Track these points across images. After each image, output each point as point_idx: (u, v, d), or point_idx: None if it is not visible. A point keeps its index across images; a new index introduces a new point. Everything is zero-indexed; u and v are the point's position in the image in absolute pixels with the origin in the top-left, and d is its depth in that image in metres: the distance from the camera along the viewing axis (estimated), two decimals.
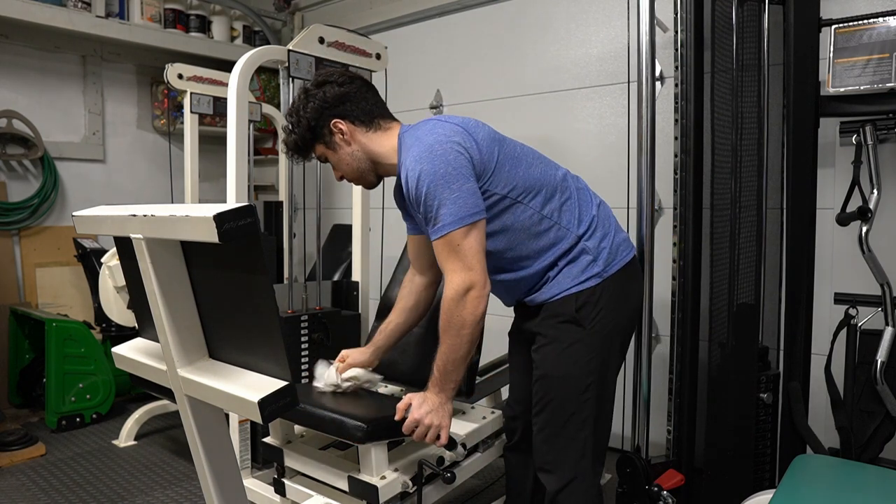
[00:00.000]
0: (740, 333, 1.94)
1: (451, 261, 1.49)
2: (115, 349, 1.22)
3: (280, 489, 1.88)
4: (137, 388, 3.29)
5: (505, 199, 1.57)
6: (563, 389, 1.60)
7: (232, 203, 1.22)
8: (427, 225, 1.53)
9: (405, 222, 1.83)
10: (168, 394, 1.87)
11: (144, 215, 0.97)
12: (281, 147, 1.76)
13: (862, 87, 1.79)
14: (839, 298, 1.91)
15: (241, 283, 0.95)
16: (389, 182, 2.85)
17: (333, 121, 1.63)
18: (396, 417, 1.58)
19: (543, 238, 1.60)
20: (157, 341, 1.07)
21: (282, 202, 3.81)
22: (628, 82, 2.87)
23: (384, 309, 2.15)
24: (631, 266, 1.68)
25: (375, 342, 1.89)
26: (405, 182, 1.54)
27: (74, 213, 1.16)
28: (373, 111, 1.67)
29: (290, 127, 1.67)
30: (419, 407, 1.56)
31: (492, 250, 1.59)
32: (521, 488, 1.89)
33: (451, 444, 1.76)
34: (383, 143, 1.66)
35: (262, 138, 4.57)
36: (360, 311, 2.56)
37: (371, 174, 1.71)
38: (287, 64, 2.26)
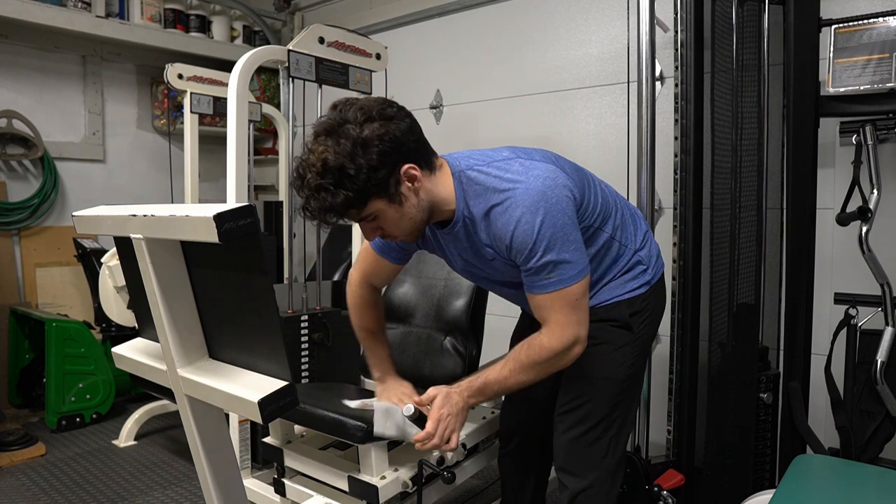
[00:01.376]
0: (740, 333, 1.94)
1: (564, 314, 1.39)
2: (115, 349, 1.22)
3: (280, 489, 1.88)
4: (137, 388, 3.29)
5: (590, 229, 1.49)
6: (600, 390, 1.56)
7: (232, 203, 1.22)
8: (530, 275, 1.38)
9: (383, 254, 1.67)
10: (168, 394, 1.87)
11: (144, 215, 0.97)
12: (300, 212, 1.33)
13: (862, 87, 1.79)
14: (839, 298, 1.91)
15: (241, 283, 0.95)
16: None
17: (405, 167, 1.30)
18: (417, 400, 1.53)
19: (608, 256, 1.56)
20: (157, 341, 1.07)
21: (282, 202, 3.82)
22: (628, 82, 2.87)
23: (384, 309, 2.15)
24: (663, 275, 1.68)
25: (390, 367, 1.78)
26: (510, 235, 1.33)
27: (74, 213, 1.16)
28: (427, 150, 1.37)
29: (332, 184, 1.24)
30: (441, 406, 1.48)
31: None
32: (521, 496, 1.87)
33: None
34: (444, 185, 1.38)
35: (262, 138, 4.56)
36: None
37: (424, 227, 1.43)
38: (287, 64, 2.26)
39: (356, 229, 2.64)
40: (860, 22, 1.79)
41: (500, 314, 1.92)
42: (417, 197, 1.34)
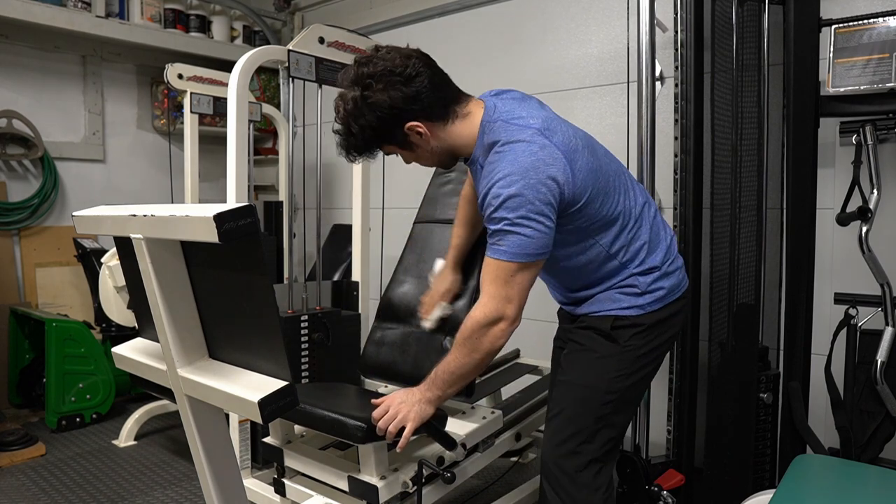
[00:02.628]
0: (740, 333, 1.94)
1: (494, 284, 1.42)
2: (115, 349, 1.22)
3: (280, 489, 1.88)
4: (137, 388, 3.29)
5: (580, 233, 1.51)
6: (580, 399, 1.56)
7: (232, 203, 1.22)
8: (489, 236, 1.44)
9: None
10: (168, 394, 1.87)
11: (144, 215, 0.97)
12: (338, 150, 1.53)
13: (862, 87, 1.79)
14: (839, 298, 1.91)
15: (241, 283, 0.95)
16: (390, 183, 2.85)
17: (408, 124, 1.45)
18: (373, 402, 1.57)
19: (602, 270, 1.56)
20: (157, 341, 1.07)
21: (282, 202, 3.82)
22: (628, 82, 2.86)
23: (384, 309, 2.15)
24: (679, 301, 1.61)
25: (454, 258, 1.87)
26: (485, 191, 1.41)
27: (74, 213, 1.16)
28: (447, 100, 1.49)
29: (345, 132, 1.47)
30: (397, 396, 1.54)
31: (553, 267, 1.58)
32: None
33: (451, 443, 1.76)
34: (463, 133, 1.50)
35: (262, 138, 4.56)
36: (360, 311, 2.56)
37: (450, 159, 1.58)
38: (287, 64, 2.26)
39: (356, 229, 2.64)
40: (860, 22, 1.79)
41: None
42: (429, 143, 1.49)
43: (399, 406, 1.52)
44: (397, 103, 1.41)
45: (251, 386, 0.94)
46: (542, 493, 1.61)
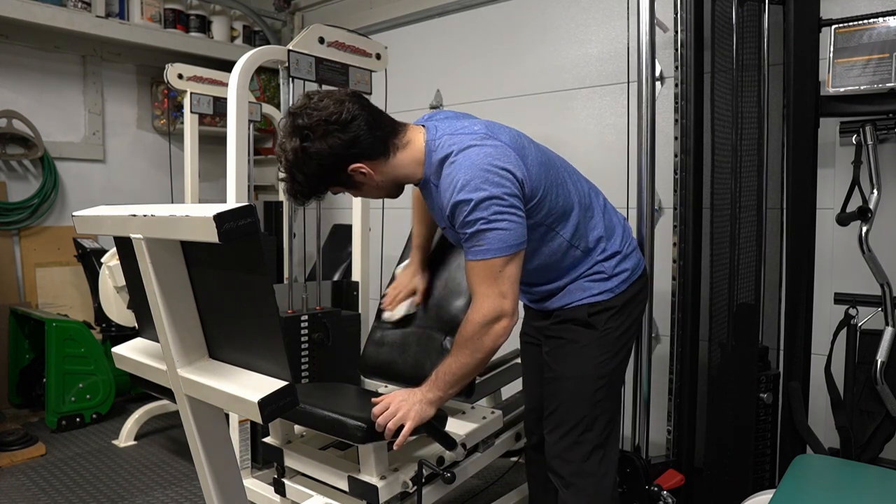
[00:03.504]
0: (740, 333, 1.94)
1: (486, 285, 1.44)
2: (115, 349, 1.22)
3: (280, 489, 1.88)
4: (137, 388, 3.29)
5: (541, 227, 1.55)
6: (575, 391, 1.61)
7: (232, 203, 1.22)
8: (463, 242, 1.46)
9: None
10: (168, 394, 1.87)
11: (144, 215, 0.97)
12: (283, 193, 1.57)
13: (862, 87, 1.78)
14: (839, 298, 1.91)
15: (241, 283, 0.95)
16: None
17: (351, 167, 1.47)
18: (373, 400, 1.59)
19: (566, 261, 1.61)
20: (157, 341, 1.07)
21: (282, 202, 3.81)
22: (628, 82, 2.86)
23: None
24: (641, 279, 1.70)
25: (420, 259, 1.94)
26: (451, 201, 1.43)
27: (74, 213, 1.16)
28: (385, 136, 1.50)
29: (290, 179, 1.48)
30: (398, 395, 1.56)
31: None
32: (546, 494, 1.86)
33: (451, 443, 1.76)
34: (406, 161, 1.53)
35: (262, 138, 4.56)
36: (360, 311, 2.56)
37: (396, 189, 1.61)
38: (287, 64, 2.26)
39: (356, 229, 2.64)
40: (860, 22, 1.79)
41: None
42: (374, 180, 1.51)
43: (399, 404, 1.53)
44: (336, 150, 1.43)
45: (251, 386, 0.94)
46: (555, 488, 1.65)
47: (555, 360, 1.65)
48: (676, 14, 1.98)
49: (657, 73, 1.93)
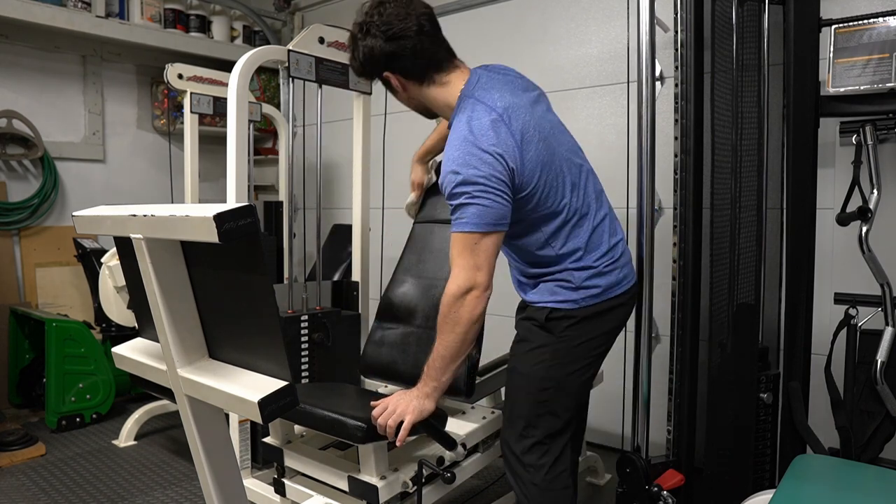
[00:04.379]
0: (740, 333, 1.94)
1: (462, 256, 1.51)
2: (115, 349, 1.22)
3: (280, 489, 1.88)
4: (137, 388, 3.29)
5: (522, 222, 1.60)
6: (520, 386, 1.68)
7: (232, 203, 1.22)
8: (451, 214, 1.55)
9: None
10: (168, 394, 1.87)
11: (144, 215, 0.97)
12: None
13: (862, 87, 1.79)
14: (839, 298, 1.91)
15: (241, 283, 0.95)
16: (390, 184, 2.85)
17: (384, 73, 1.63)
18: (372, 403, 1.62)
19: (541, 256, 1.66)
20: (157, 341, 1.07)
21: (282, 202, 3.82)
22: (628, 82, 2.86)
23: (384, 309, 2.15)
24: (617, 298, 1.68)
25: (426, 147, 2.15)
26: (445, 168, 1.54)
27: (74, 213, 1.16)
28: (427, 67, 1.62)
29: (352, 57, 1.68)
30: (395, 395, 1.60)
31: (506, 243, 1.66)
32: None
33: (451, 443, 1.76)
34: (438, 98, 1.65)
35: (262, 138, 4.56)
36: (360, 311, 2.56)
37: (427, 113, 1.74)
38: (287, 64, 2.26)
39: (356, 229, 2.64)
40: (860, 22, 1.79)
41: (500, 314, 1.92)
42: (405, 93, 1.67)
43: (397, 403, 1.57)
44: (375, 54, 1.59)
45: (251, 386, 0.94)
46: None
47: (513, 353, 1.73)
48: (676, 14, 1.98)
49: (657, 73, 1.93)
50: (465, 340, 1.54)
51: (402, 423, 1.54)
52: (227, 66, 2.70)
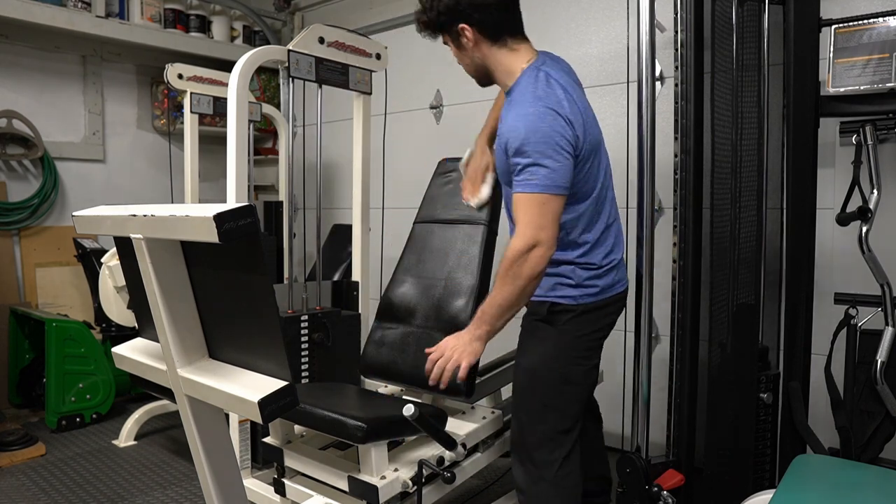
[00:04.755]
0: (740, 333, 1.94)
1: (529, 215, 1.55)
2: (115, 349, 1.22)
3: (280, 489, 1.88)
4: (137, 388, 3.29)
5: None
6: (525, 380, 1.73)
7: (232, 203, 1.22)
8: (514, 174, 1.57)
9: None
10: (168, 394, 1.87)
11: (144, 215, 0.97)
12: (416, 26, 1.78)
13: (862, 87, 1.78)
14: (839, 298, 1.91)
15: (241, 283, 0.95)
16: (390, 184, 2.85)
17: (461, 25, 1.65)
18: (427, 350, 1.67)
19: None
20: (157, 341, 1.07)
21: (282, 202, 3.82)
22: (628, 82, 2.87)
23: (384, 309, 2.15)
24: (613, 297, 1.76)
25: (487, 136, 1.98)
26: (509, 126, 1.59)
27: (74, 213, 1.16)
28: (503, 27, 1.68)
29: (424, 8, 1.70)
30: (448, 342, 1.64)
31: None
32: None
33: (451, 443, 1.76)
34: (503, 62, 1.70)
35: (262, 138, 4.56)
36: (360, 311, 2.56)
37: (486, 78, 1.77)
38: (287, 64, 2.26)
39: (356, 229, 2.64)
40: (860, 22, 1.79)
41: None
42: (472, 51, 1.70)
43: (453, 349, 1.62)
44: (464, 4, 1.63)
45: (251, 386, 0.94)
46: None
47: (518, 349, 1.79)
48: (676, 14, 1.98)
49: (657, 73, 1.93)
50: (523, 293, 1.58)
51: (458, 368, 1.61)
52: (227, 66, 2.70)
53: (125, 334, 2.91)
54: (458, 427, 1.91)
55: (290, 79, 2.29)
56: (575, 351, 1.71)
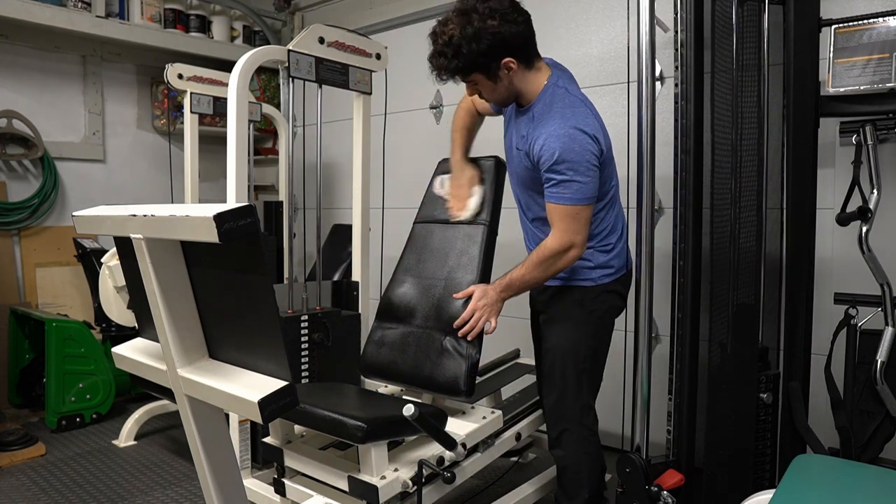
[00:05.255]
0: (740, 333, 1.94)
1: (566, 223, 1.77)
2: (115, 349, 1.22)
3: (280, 489, 1.88)
4: (137, 388, 3.29)
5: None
6: (567, 358, 1.91)
7: (232, 203, 1.22)
8: (548, 186, 1.77)
9: (492, 107, 2.03)
10: (168, 394, 1.87)
11: (144, 215, 0.97)
12: (429, 69, 1.82)
13: (862, 87, 1.78)
14: (839, 298, 1.91)
15: (241, 283, 0.95)
16: (390, 184, 2.85)
17: (506, 60, 1.73)
18: (456, 296, 1.93)
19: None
20: (157, 341, 1.07)
21: (282, 202, 3.82)
22: (628, 82, 2.87)
23: (384, 309, 2.15)
24: (625, 275, 2.00)
25: (463, 152, 2.13)
26: (541, 145, 1.75)
27: (74, 213, 1.16)
28: (534, 50, 1.81)
29: (450, 54, 1.71)
30: (480, 298, 1.87)
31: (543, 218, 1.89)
32: None
33: (451, 443, 1.76)
34: (532, 82, 1.82)
35: (262, 138, 4.56)
36: (360, 311, 2.56)
37: (512, 100, 1.88)
38: (287, 64, 2.26)
39: (356, 229, 2.64)
40: (860, 22, 1.79)
41: (500, 314, 1.92)
42: (510, 82, 1.79)
43: (483, 309, 1.86)
44: (509, 39, 1.70)
45: (251, 386, 0.94)
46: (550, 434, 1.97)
47: (551, 332, 1.96)
48: (676, 14, 1.98)
49: (657, 73, 1.93)
50: (545, 281, 1.85)
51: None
52: (227, 66, 2.71)
53: (125, 334, 2.91)
54: (458, 427, 1.91)
55: (290, 79, 2.29)
56: (601, 329, 1.95)
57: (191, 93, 3.33)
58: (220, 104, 3.40)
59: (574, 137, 1.71)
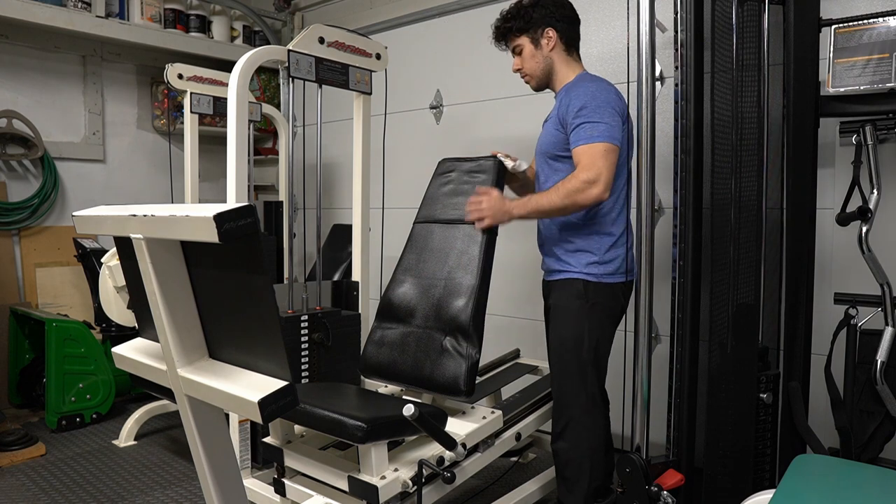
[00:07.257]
0: (740, 333, 1.94)
1: (594, 158, 1.85)
2: (115, 349, 1.22)
3: (280, 489, 1.88)
4: (137, 388, 3.29)
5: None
6: (571, 348, 1.96)
7: (232, 203, 1.22)
8: (575, 130, 1.89)
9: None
10: (168, 394, 1.87)
11: (144, 215, 0.97)
12: (492, 34, 2.16)
13: (862, 87, 1.79)
14: (839, 298, 1.91)
15: (241, 283, 0.95)
16: (390, 184, 2.85)
17: (548, 28, 2.02)
18: (472, 199, 2.04)
19: (585, 222, 1.99)
20: (157, 341, 1.07)
21: (282, 202, 3.82)
22: (628, 82, 2.86)
23: (384, 309, 2.15)
24: (626, 284, 2.03)
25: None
26: (570, 99, 1.94)
27: (74, 213, 1.16)
28: (575, 41, 2.09)
29: (509, 16, 2.07)
30: (493, 197, 1.99)
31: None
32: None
33: (451, 443, 1.76)
34: (565, 69, 2.07)
35: (262, 138, 4.56)
36: (360, 311, 2.56)
37: (544, 81, 2.10)
38: (287, 64, 2.26)
39: (356, 229, 2.64)
40: (860, 22, 1.79)
41: (500, 314, 1.93)
42: (547, 52, 2.05)
43: (489, 210, 1.98)
44: (557, 14, 2.03)
45: (251, 386, 0.94)
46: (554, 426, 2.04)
47: (556, 324, 2.03)
48: (676, 14, 1.98)
49: (657, 73, 1.93)
50: (563, 212, 1.92)
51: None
52: (227, 66, 2.71)
53: (125, 334, 2.91)
54: (458, 427, 1.91)
55: (290, 79, 2.29)
56: (603, 322, 1.99)
57: (191, 93, 3.33)
58: (220, 104, 3.40)
59: (599, 87, 1.93)
